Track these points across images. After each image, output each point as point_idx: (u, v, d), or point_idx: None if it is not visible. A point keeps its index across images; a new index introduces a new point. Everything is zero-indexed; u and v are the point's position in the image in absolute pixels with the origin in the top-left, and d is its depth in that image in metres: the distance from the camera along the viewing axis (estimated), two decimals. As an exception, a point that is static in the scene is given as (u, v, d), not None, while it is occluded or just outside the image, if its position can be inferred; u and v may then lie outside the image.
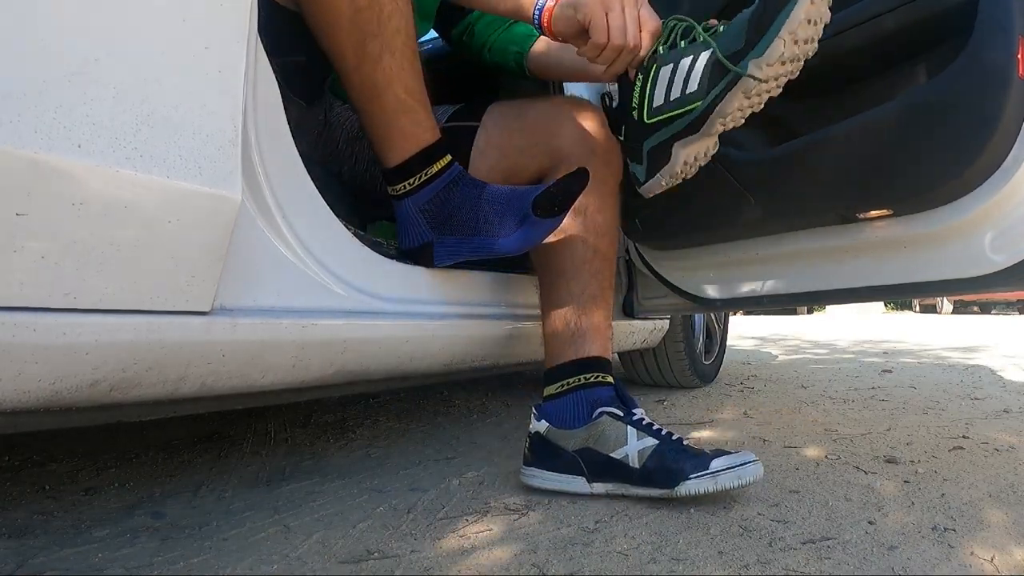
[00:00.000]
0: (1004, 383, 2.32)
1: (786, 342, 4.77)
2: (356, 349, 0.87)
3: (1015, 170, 0.82)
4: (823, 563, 0.72)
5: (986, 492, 0.98)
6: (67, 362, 0.58)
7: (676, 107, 0.80)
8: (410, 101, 0.90)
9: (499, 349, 1.18)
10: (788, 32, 0.70)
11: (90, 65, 0.54)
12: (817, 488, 0.99)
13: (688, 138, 0.81)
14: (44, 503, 0.92)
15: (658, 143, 0.84)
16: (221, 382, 0.72)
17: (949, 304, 15.80)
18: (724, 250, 1.20)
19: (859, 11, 0.92)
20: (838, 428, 1.46)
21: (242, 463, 1.13)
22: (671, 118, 0.81)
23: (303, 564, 0.72)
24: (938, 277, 0.94)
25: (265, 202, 0.74)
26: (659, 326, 1.80)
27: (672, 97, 0.80)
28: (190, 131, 0.60)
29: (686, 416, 1.62)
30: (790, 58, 0.73)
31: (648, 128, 0.84)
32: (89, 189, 0.54)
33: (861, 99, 0.98)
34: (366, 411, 1.64)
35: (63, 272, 0.55)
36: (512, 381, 2.18)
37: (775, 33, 0.71)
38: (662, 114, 0.82)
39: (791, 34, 0.70)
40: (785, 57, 0.72)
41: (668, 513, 0.88)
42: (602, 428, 0.94)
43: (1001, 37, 0.78)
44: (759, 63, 0.72)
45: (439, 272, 1.00)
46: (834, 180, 0.96)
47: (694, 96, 0.78)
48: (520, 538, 0.80)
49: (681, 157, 0.83)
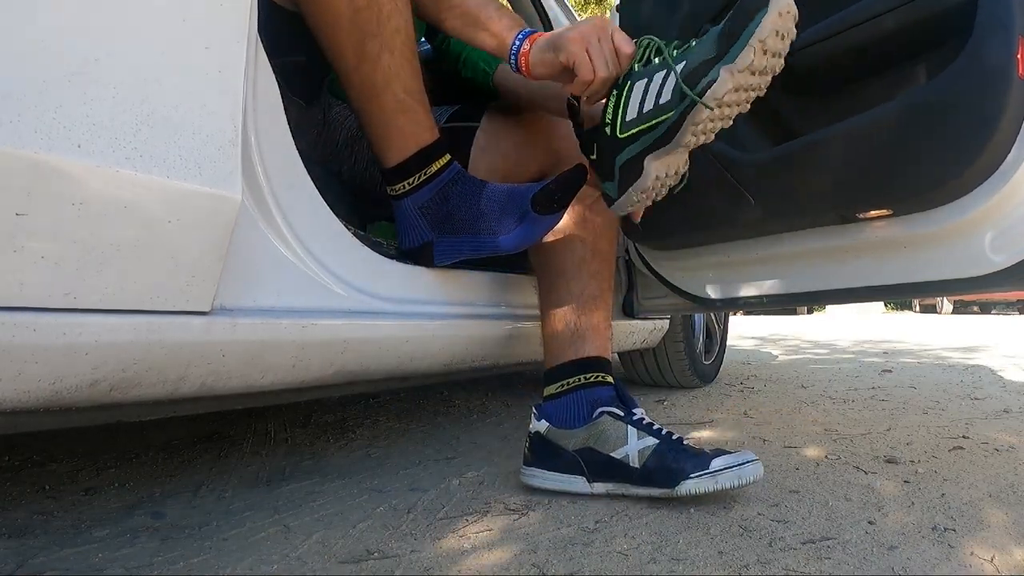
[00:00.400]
0: (1004, 383, 2.32)
1: (786, 342, 4.77)
2: (356, 349, 0.87)
3: (1015, 170, 0.82)
4: (823, 563, 0.72)
5: (986, 492, 0.98)
6: (67, 362, 0.58)
7: (649, 119, 0.81)
8: (409, 101, 0.90)
9: (499, 349, 1.18)
10: (758, 40, 0.72)
11: (90, 65, 0.54)
12: (817, 488, 0.99)
13: (660, 150, 0.82)
14: (44, 503, 0.92)
15: (630, 157, 0.84)
16: (221, 382, 0.72)
17: (949, 304, 15.80)
18: (724, 250, 1.19)
19: (859, 11, 0.92)
20: (838, 428, 1.46)
21: (242, 463, 1.13)
22: (644, 130, 0.82)
23: (303, 564, 0.72)
24: (938, 277, 0.94)
25: (265, 202, 0.74)
26: (659, 326, 1.80)
27: (645, 110, 0.81)
28: (190, 131, 0.60)
29: (686, 416, 1.62)
30: (759, 68, 0.75)
31: (621, 142, 0.84)
32: (89, 189, 0.54)
33: (861, 99, 0.98)
34: (366, 411, 1.64)
35: (63, 272, 0.55)
36: (512, 381, 2.18)
37: (745, 41, 0.73)
38: (635, 127, 0.82)
39: (761, 43, 0.72)
40: (755, 66, 0.74)
41: (668, 513, 0.88)
42: (602, 428, 0.94)
43: (1001, 37, 0.78)
44: (731, 69, 0.73)
45: (439, 272, 1.00)
46: (834, 180, 0.96)
47: (667, 106, 0.79)
48: (520, 538, 0.80)
49: (653, 171, 0.83)
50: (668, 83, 0.79)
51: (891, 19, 0.89)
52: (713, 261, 1.24)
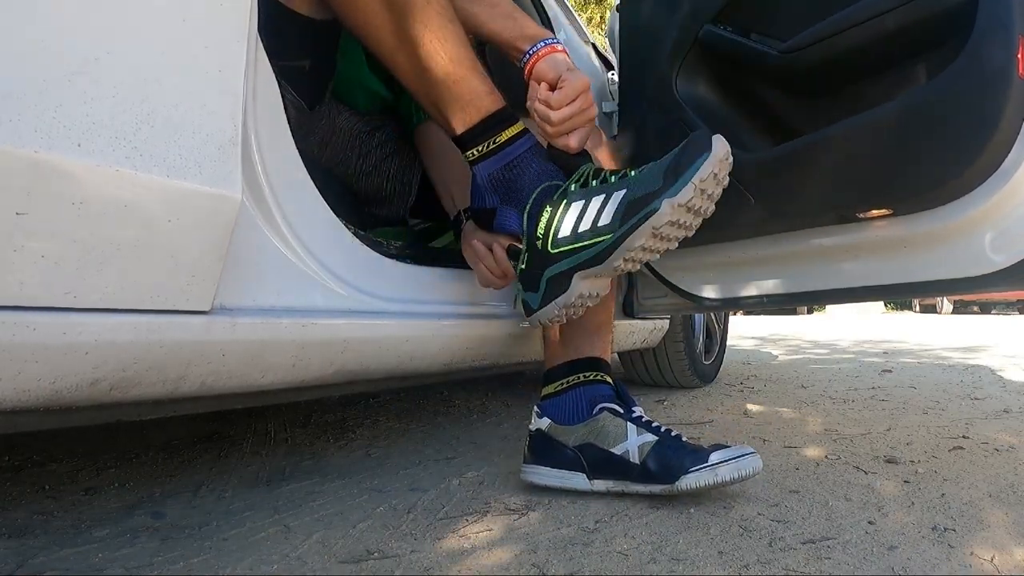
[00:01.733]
0: (1004, 383, 2.32)
1: (786, 342, 4.77)
2: (356, 349, 0.87)
3: (1015, 170, 0.82)
4: (823, 563, 0.72)
5: (986, 492, 0.98)
6: (67, 361, 0.58)
7: (584, 239, 0.84)
8: (459, 70, 0.86)
9: (499, 349, 1.18)
10: (699, 179, 0.77)
11: (90, 65, 0.54)
12: (817, 488, 0.99)
13: (590, 270, 0.84)
14: (44, 503, 0.91)
15: (558, 272, 0.87)
16: (221, 382, 0.72)
17: (949, 304, 15.79)
18: (724, 250, 1.20)
19: (859, 11, 0.92)
20: (838, 428, 1.46)
21: (242, 463, 1.13)
22: (577, 249, 0.84)
23: (303, 564, 0.72)
24: (938, 277, 0.94)
25: (265, 202, 0.74)
26: (659, 326, 1.80)
27: (581, 230, 0.84)
28: (190, 130, 0.60)
29: (686, 416, 1.62)
30: (696, 208, 0.80)
31: (551, 257, 0.86)
32: (89, 188, 0.54)
33: (861, 99, 0.98)
34: (366, 411, 1.64)
35: (63, 271, 0.55)
36: (512, 381, 2.18)
37: (688, 179, 0.77)
38: (568, 245, 0.85)
39: (701, 182, 0.77)
40: (693, 205, 0.78)
41: (668, 513, 0.88)
42: (602, 424, 0.94)
43: (1001, 37, 0.78)
44: (672, 202, 0.77)
45: (439, 272, 1.00)
46: (834, 180, 0.96)
47: (605, 229, 0.82)
48: (520, 538, 0.80)
49: (578, 288, 0.86)
50: (608, 205, 0.82)
51: (891, 19, 0.89)
52: (713, 261, 1.24)
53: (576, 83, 0.89)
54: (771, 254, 1.13)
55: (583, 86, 0.89)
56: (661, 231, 0.79)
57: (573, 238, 0.84)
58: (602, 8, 9.41)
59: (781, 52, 1.02)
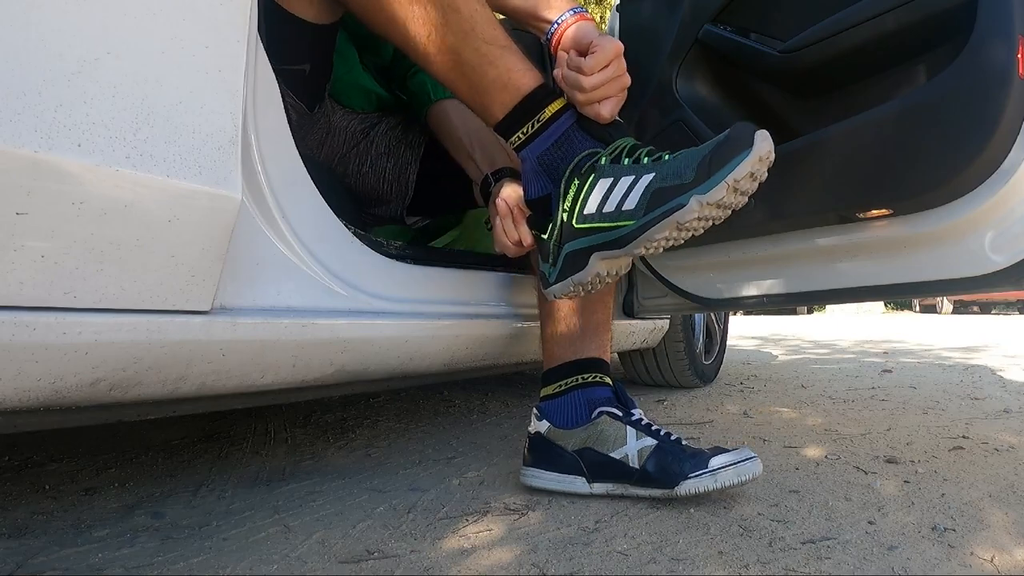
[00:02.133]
0: (1004, 383, 2.32)
1: (786, 342, 4.77)
2: (356, 349, 0.87)
3: (1015, 170, 0.82)
4: (823, 563, 0.72)
5: (986, 492, 0.98)
6: (67, 361, 0.58)
7: (607, 220, 0.81)
8: (493, 51, 0.83)
9: (499, 349, 1.18)
10: (734, 179, 0.73)
11: (90, 64, 0.54)
12: (817, 488, 0.99)
13: (609, 252, 0.82)
14: (44, 503, 0.91)
15: (578, 249, 0.84)
16: (221, 382, 0.72)
17: (949, 304, 15.79)
18: (724, 250, 1.19)
19: (859, 11, 0.92)
20: (838, 428, 1.46)
21: (242, 463, 1.13)
22: (599, 228, 0.82)
23: (303, 564, 0.72)
24: (938, 277, 0.94)
25: (265, 202, 0.74)
26: (659, 326, 1.80)
27: (606, 210, 0.81)
28: (190, 130, 0.60)
29: (686, 416, 1.62)
30: (726, 204, 0.76)
31: (574, 232, 0.84)
32: (89, 188, 0.54)
33: (861, 99, 0.98)
34: (366, 411, 1.64)
35: (63, 271, 0.55)
36: (512, 381, 2.18)
37: (722, 178, 0.73)
38: (591, 223, 0.83)
39: (735, 182, 0.73)
40: (724, 202, 0.75)
41: (668, 513, 0.88)
42: (601, 428, 0.94)
43: (1001, 37, 0.78)
44: (701, 200, 0.74)
45: (439, 272, 1.00)
46: (834, 180, 0.96)
47: (629, 215, 0.79)
48: (520, 538, 0.80)
49: (595, 268, 0.84)
50: (635, 190, 0.79)
51: (891, 19, 0.89)
52: (713, 261, 1.24)
53: (608, 49, 0.85)
54: (771, 254, 1.13)
55: (616, 51, 0.85)
56: (686, 224, 0.76)
57: (598, 217, 0.81)
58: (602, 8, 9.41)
59: (781, 52, 1.02)
